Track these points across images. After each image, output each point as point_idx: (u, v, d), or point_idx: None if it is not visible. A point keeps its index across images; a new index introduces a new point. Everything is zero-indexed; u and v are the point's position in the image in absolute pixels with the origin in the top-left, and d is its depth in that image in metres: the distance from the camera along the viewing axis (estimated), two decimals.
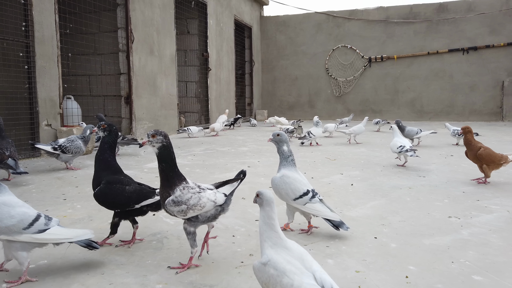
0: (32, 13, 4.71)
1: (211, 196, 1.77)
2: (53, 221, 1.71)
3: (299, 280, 1.18)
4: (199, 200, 1.74)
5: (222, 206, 1.82)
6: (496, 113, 10.68)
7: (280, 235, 1.33)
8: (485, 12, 10.52)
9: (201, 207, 1.74)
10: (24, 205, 1.68)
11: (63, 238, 1.68)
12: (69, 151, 3.88)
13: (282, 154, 2.15)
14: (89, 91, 7.30)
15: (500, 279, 1.61)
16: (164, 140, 1.78)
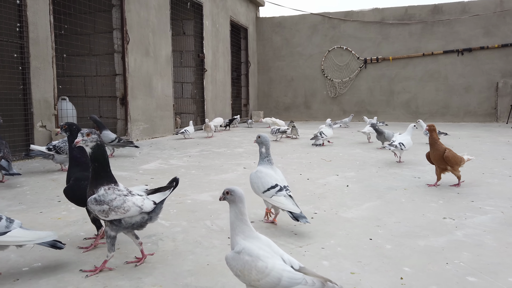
0: (26, 14, 4.69)
1: (137, 201, 1.72)
2: (15, 223, 1.70)
3: (272, 262, 1.30)
4: (124, 203, 1.69)
5: (150, 214, 1.76)
6: (490, 114, 10.75)
7: (251, 228, 1.43)
8: (480, 13, 10.59)
9: (124, 211, 1.69)
10: None
11: (24, 240, 1.68)
12: (63, 151, 3.85)
13: (260, 154, 2.38)
14: (84, 92, 7.27)
15: (494, 280, 1.61)
16: (98, 139, 1.75)
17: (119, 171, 4.06)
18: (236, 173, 3.91)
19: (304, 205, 2.73)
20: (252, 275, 1.30)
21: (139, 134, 6.89)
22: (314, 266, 1.75)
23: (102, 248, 2.00)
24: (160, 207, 1.81)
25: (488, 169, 4.00)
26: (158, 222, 2.40)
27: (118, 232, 1.75)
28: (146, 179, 3.64)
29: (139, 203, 1.73)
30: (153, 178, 3.70)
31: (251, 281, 1.31)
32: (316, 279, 1.27)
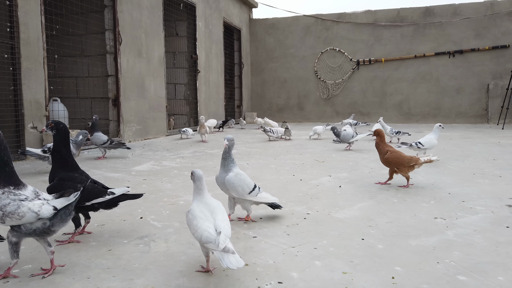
0: (17, 14, 4.65)
1: (34, 207, 1.63)
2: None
3: (202, 223, 1.68)
4: (18, 208, 1.61)
5: (52, 221, 1.67)
6: (481, 115, 10.86)
7: (204, 196, 1.85)
8: (471, 16, 10.71)
9: (19, 217, 1.60)
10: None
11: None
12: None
13: (230, 156, 2.39)
14: (76, 93, 7.22)
15: (484, 279, 1.63)
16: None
17: (111, 172, 4.04)
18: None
19: (297, 205, 2.74)
20: (190, 229, 1.74)
21: (132, 136, 6.86)
22: (307, 266, 1.76)
23: (92, 251, 1.99)
24: (65, 212, 1.70)
25: (479, 169, 4.04)
26: (150, 223, 2.39)
27: (20, 239, 1.67)
28: (138, 181, 3.62)
29: (35, 208, 1.62)
30: (145, 179, 3.69)
31: (191, 233, 1.74)
32: (222, 241, 1.59)
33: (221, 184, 2.38)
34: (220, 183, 2.38)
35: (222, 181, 2.36)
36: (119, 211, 2.63)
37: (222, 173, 2.37)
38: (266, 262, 1.81)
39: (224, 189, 2.37)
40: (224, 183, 2.33)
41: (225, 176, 2.34)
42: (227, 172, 2.34)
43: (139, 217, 2.52)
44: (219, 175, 2.39)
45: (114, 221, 2.43)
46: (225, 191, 2.37)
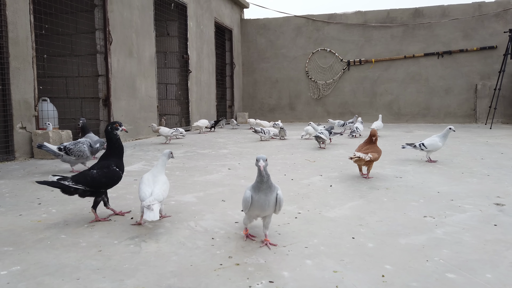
0: (5, 13, 4.59)
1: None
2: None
3: (143, 188, 2.26)
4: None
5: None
6: (470, 115, 11.00)
7: (158, 171, 2.40)
8: (459, 17, 10.85)
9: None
10: None
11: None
12: (72, 153, 3.88)
13: (268, 175, 2.04)
14: (66, 93, 7.15)
15: (473, 277, 1.65)
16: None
17: None
18: (220, 174, 3.90)
19: (288, 205, 2.75)
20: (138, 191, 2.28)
21: (123, 136, 6.81)
22: (298, 265, 1.77)
23: (82, 252, 1.97)
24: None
25: (467, 168, 4.09)
26: (141, 223, 2.38)
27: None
28: (129, 181, 3.60)
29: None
30: (136, 179, 3.67)
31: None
32: (148, 200, 2.15)
33: (268, 206, 2.00)
34: (267, 204, 2.00)
35: (271, 202, 2.01)
36: (110, 212, 2.61)
37: (270, 193, 2.01)
38: (257, 262, 1.81)
39: (268, 209, 2.02)
40: (277, 202, 2.02)
41: (274, 195, 2.02)
42: (274, 191, 2.02)
43: (130, 217, 2.51)
44: (265, 197, 1.99)
45: (104, 222, 2.41)
46: (268, 210, 2.03)
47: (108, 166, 2.39)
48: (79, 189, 2.32)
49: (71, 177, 2.33)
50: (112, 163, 2.42)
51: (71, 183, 2.30)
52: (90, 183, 2.33)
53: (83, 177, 2.34)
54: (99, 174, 2.35)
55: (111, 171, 2.39)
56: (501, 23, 10.57)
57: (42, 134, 4.89)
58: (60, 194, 3.10)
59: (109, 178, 2.38)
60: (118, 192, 3.16)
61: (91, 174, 2.35)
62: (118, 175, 2.43)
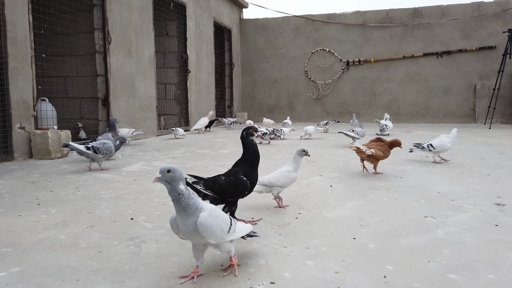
0: (4, 13, 4.57)
1: None
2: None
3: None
4: None
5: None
6: (469, 115, 11.01)
7: (289, 166, 2.69)
8: (458, 17, 10.85)
9: None
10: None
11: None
12: (100, 151, 3.98)
13: (188, 192, 1.61)
14: (65, 93, 7.13)
15: (475, 277, 1.65)
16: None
17: (101, 173, 3.99)
18: None
19: (288, 205, 2.74)
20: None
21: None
22: (299, 266, 1.76)
23: (83, 253, 1.96)
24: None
25: (467, 168, 4.09)
26: (141, 224, 2.37)
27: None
28: (128, 181, 3.58)
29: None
30: (135, 180, 3.66)
31: None
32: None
33: (188, 233, 1.60)
34: (186, 231, 1.60)
35: (190, 228, 1.59)
36: (109, 212, 2.61)
37: (186, 218, 1.59)
38: (258, 262, 1.80)
39: (193, 237, 1.62)
40: (197, 229, 1.57)
41: (194, 220, 1.58)
42: (195, 214, 1.59)
43: (130, 218, 2.49)
44: (182, 221, 1.60)
45: (104, 222, 2.40)
46: (196, 239, 1.63)
47: (235, 174, 2.18)
48: (209, 195, 2.16)
49: (203, 182, 2.19)
50: (241, 171, 2.20)
51: (202, 187, 2.16)
52: (217, 190, 2.15)
53: (213, 183, 2.17)
54: (225, 182, 2.15)
55: (237, 180, 2.16)
56: (500, 23, 10.58)
57: (41, 134, 4.87)
58: (59, 195, 3.09)
59: (234, 188, 2.15)
60: (117, 193, 3.15)
61: (219, 181, 2.16)
62: (245, 185, 2.17)
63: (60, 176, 3.86)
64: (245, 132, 2.28)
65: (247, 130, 2.27)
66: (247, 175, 2.18)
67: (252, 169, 2.22)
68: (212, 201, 2.16)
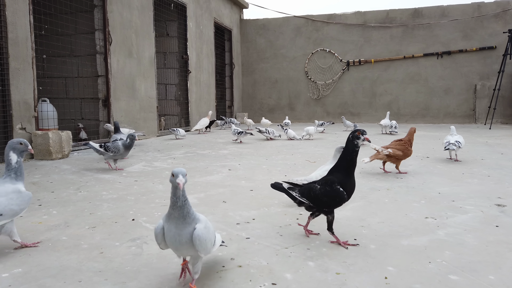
0: (5, 14, 4.58)
1: None
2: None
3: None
4: None
5: None
6: (469, 115, 11.01)
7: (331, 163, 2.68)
8: (458, 18, 10.85)
9: None
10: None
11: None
12: (109, 150, 4.06)
13: (186, 199, 1.51)
14: (66, 93, 7.14)
15: (476, 278, 1.65)
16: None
17: (102, 173, 4.00)
18: (221, 175, 3.90)
19: (289, 206, 2.74)
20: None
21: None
22: (300, 267, 1.76)
23: (84, 254, 1.96)
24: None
25: (467, 169, 4.09)
26: (143, 225, 2.38)
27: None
28: (129, 182, 3.59)
29: None
30: (136, 180, 3.66)
31: None
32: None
33: (178, 244, 1.50)
34: (177, 242, 1.50)
35: (183, 239, 1.49)
36: (110, 213, 2.61)
37: (182, 227, 1.49)
38: (260, 264, 1.81)
39: (182, 249, 1.52)
40: (193, 241, 1.48)
41: (190, 231, 1.49)
42: (191, 224, 1.50)
43: (131, 219, 2.50)
44: (176, 231, 1.49)
45: (105, 223, 2.41)
46: (184, 252, 1.54)
47: (331, 184, 2.00)
48: (304, 203, 2.08)
49: (299, 189, 2.13)
50: (337, 180, 2.01)
51: (298, 194, 2.09)
52: (313, 199, 2.04)
53: (308, 191, 2.07)
54: (321, 192, 2.01)
55: (334, 191, 1.98)
56: (501, 23, 10.58)
57: (42, 135, 4.87)
58: (61, 196, 3.10)
59: (330, 198, 2.00)
60: (118, 193, 3.16)
61: (315, 189, 2.04)
62: (341, 197, 1.99)
63: (61, 177, 3.87)
64: (351, 136, 2.03)
65: (354, 133, 2.02)
66: (343, 184, 2.00)
67: (347, 177, 2.03)
68: (308, 208, 2.11)
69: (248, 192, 3.18)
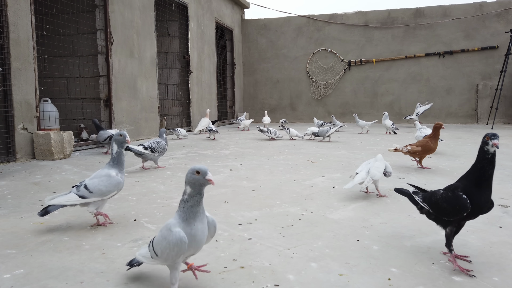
0: (6, 14, 4.58)
1: None
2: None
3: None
4: None
5: None
6: (471, 115, 10.99)
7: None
8: (460, 17, 10.83)
9: None
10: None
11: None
12: (156, 150, 4.13)
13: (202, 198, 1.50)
14: (67, 93, 7.14)
15: (480, 280, 1.64)
16: None
17: None
18: (222, 175, 3.89)
19: (291, 206, 2.74)
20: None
21: None
22: (303, 268, 1.75)
23: (85, 253, 1.96)
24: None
25: None
26: (144, 225, 2.37)
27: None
28: (131, 182, 3.59)
29: None
30: (138, 180, 3.66)
31: None
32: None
33: (202, 241, 1.52)
34: (204, 237, 1.53)
35: (206, 233, 1.54)
36: (112, 213, 2.61)
37: (204, 219, 1.52)
38: (262, 265, 1.80)
39: (201, 245, 1.53)
40: (213, 227, 1.60)
41: (203, 226, 1.52)
42: (204, 213, 1.54)
43: (133, 219, 2.49)
44: (202, 226, 1.50)
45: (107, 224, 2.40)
46: (200, 247, 1.54)
47: (454, 190, 1.80)
48: (424, 208, 1.94)
49: (422, 194, 2.00)
50: (461, 186, 1.80)
51: (420, 199, 1.97)
52: (433, 205, 1.87)
53: (430, 196, 1.92)
54: (441, 197, 1.84)
55: (455, 197, 1.76)
56: (503, 23, 10.55)
57: (44, 135, 4.87)
58: None
59: (449, 205, 1.78)
60: (119, 194, 3.15)
61: (436, 195, 1.88)
62: (462, 204, 1.73)
63: (63, 177, 3.86)
64: (482, 141, 1.80)
65: (484, 137, 1.79)
66: (469, 193, 1.74)
67: (476, 186, 1.74)
68: (427, 214, 1.94)
69: (250, 193, 3.17)
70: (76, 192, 2.25)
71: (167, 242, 1.45)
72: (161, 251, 1.47)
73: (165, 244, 1.45)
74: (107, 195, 2.28)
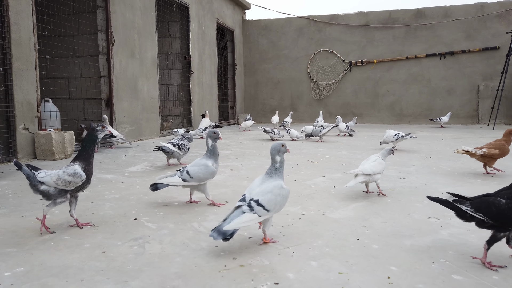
0: (8, 14, 4.59)
1: None
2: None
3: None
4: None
5: None
6: (472, 116, 10.97)
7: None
8: (461, 18, 10.82)
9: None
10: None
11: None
12: (183, 148, 4.37)
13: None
14: (68, 94, 7.16)
15: (479, 278, 1.64)
16: None
17: (104, 173, 4.00)
18: (223, 175, 3.89)
19: (291, 206, 2.74)
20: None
21: (125, 137, 6.80)
22: (303, 267, 1.76)
23: (86, 253, 1.96)
24: None
25: (471, 169, 4.08)
26: (145, 224, 2.38)
27: None
28: (132, 182, 3.59)
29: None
30: (139, 180, 3.66)
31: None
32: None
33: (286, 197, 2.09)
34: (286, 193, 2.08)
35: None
36: (113, 213, 2.61)
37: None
38: (262, 263, 1.80)
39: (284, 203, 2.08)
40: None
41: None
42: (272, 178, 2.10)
43: (133, 218, 2.50)
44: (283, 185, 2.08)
45: (107, 223, 2.41)
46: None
47: None
48: (476, 217, 1.83)
49: (470, 202, 1.86)
50: None
51: (469, 208, 1.83)
52: (495, 215, 1.76)
53: (486, 205, 1.80)
54: (509, 206, 1.74)
55: None
56: (504, 23, 10.55)
57: (45, 135, 4.89)
58: None
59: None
60: (121, 193, 3.16)
61: (497, 203, 1.78)
62: None
63: None
64: None
65: None
66: None
67: None
68: (480, 223, 1.84)
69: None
70: (180, 176, 2.68)
71: (282, 196, 2.01)
72: (274, 205, 1.97)
73: (280, 198, 2.00)
74: (203, 180, 2.72)
